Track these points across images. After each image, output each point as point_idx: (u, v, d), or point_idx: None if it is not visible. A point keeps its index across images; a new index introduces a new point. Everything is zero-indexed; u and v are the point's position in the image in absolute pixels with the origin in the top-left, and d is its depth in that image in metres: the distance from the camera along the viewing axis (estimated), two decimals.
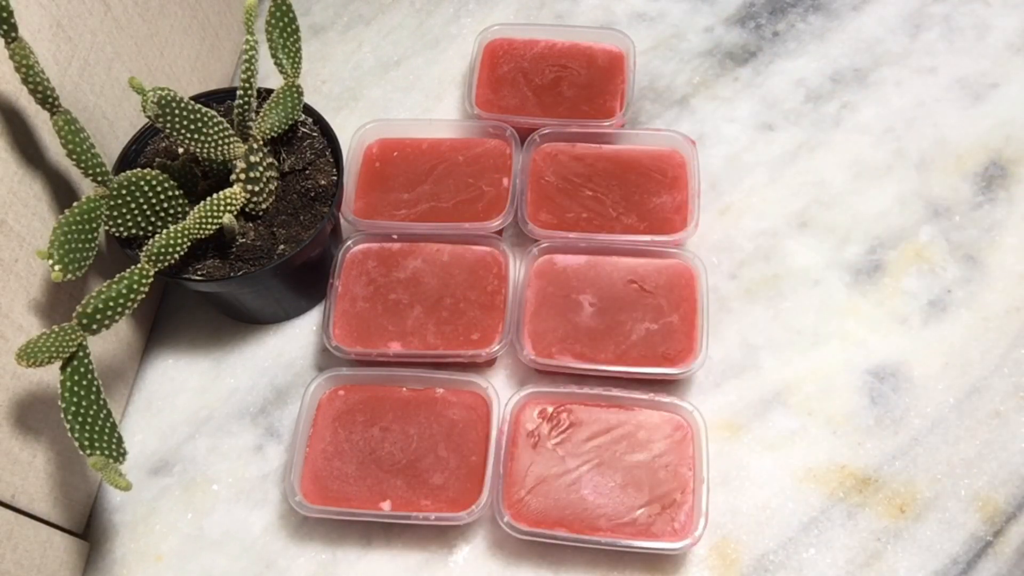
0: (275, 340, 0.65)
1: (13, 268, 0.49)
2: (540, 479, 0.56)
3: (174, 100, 0.51)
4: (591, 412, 0.58)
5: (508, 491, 0.55)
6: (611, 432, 0.57)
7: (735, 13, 0.79)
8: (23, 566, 0.50)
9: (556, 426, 0.57)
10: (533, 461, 0.56)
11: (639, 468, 0.56)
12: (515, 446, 0.57)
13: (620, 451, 0.56)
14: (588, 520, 0.54)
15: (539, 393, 0.58)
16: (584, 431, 0.57)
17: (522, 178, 0.66)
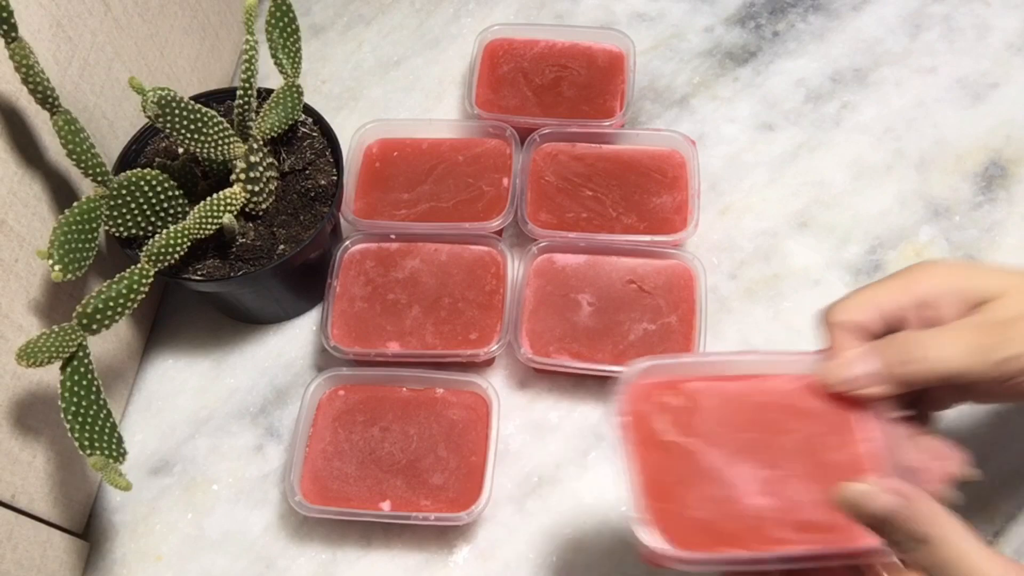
0: (275, 340, 0.65)
1: (13, 268, 0.49)
2: (682, 485, 0.41)
3: (174, 100, 0.51)
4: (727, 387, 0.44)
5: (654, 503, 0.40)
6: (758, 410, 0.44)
7: (735, 13, 0.79)
8: (23, 566, 0.50)
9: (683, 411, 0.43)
10: (664, 462, 0.42)
11: (801, 451, 0.42)
12: (635, 443, 0.42)
13: (772, 431, 0.43)
14: (766, 532, 0.39)
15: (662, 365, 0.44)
16: (720, 413, 0.43)
17: (522, 178, 0.66)
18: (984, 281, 0.41)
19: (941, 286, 0.41)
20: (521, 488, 0.58)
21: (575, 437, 0.60)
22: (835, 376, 0.41)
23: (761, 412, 0.43)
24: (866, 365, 0.41)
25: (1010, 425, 0.58)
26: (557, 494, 0.58)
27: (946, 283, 0.41)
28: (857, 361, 0.41)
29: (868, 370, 0.41)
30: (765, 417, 0.43)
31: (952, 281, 0.41)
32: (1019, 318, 0.39)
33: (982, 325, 0.39)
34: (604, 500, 0.58)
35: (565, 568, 0.56)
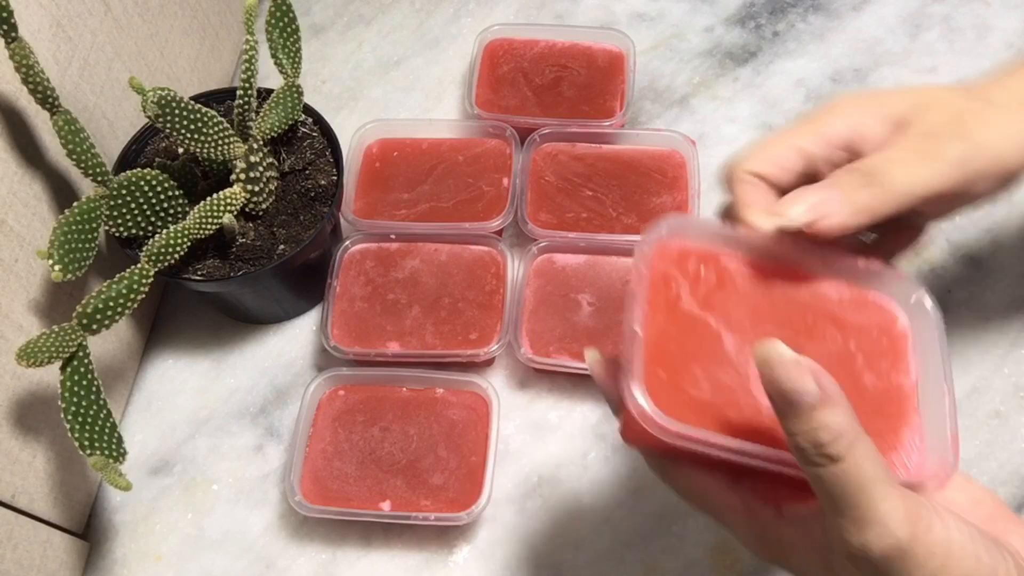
0: (275, 340, 0.65)
1: (13, 268, 0.49)
2: (688, 359, 0.37)
3: (174, 100, 0.51)
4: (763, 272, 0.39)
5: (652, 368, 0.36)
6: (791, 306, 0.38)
7: (735, 13, 0.79)
8: (23, 566, 0.50)
9: (707, 284, 0.39)
10: (674, 330, 0.37)
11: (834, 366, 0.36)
12: (648, 303, 0.37)
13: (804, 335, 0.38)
14: (759, 433, 0.35)
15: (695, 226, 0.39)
16: (749, 298, 0.39)
17: (522, 178, 0.66)
18: (901, 100, 0.38)
19: (861, 116, 0.37)
20: (521, 488, 0.58)
21: (575, 437, 0.60)
22: (786, 210, 0.35)
23: (799, 312, 0.38)
24: (824, 193, 0.35)
25: (1010, 425, 0.58)
26: (557, 494, 0.58)
27: (866, 111, 0.38)
28: (811, 192, 0.35)
29: (827, 196, 0.35)
30: (802, 318, 0.38)
31: (871, 107, 0.38)
32: (956, 120, 0.36)
33: (927, 135, 0.36)
34: (604, 500, 0.58)
35: (565, 568, 0.56)
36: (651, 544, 0.56)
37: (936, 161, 0.35)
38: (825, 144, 0.38)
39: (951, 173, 0.35)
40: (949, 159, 0.35)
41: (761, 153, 0.38)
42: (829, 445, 0.30)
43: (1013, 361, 0.61)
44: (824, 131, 0.38)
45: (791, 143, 0.38)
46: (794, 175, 0.38)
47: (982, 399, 0.59)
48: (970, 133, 0.36)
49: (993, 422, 0.58)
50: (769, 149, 0.38)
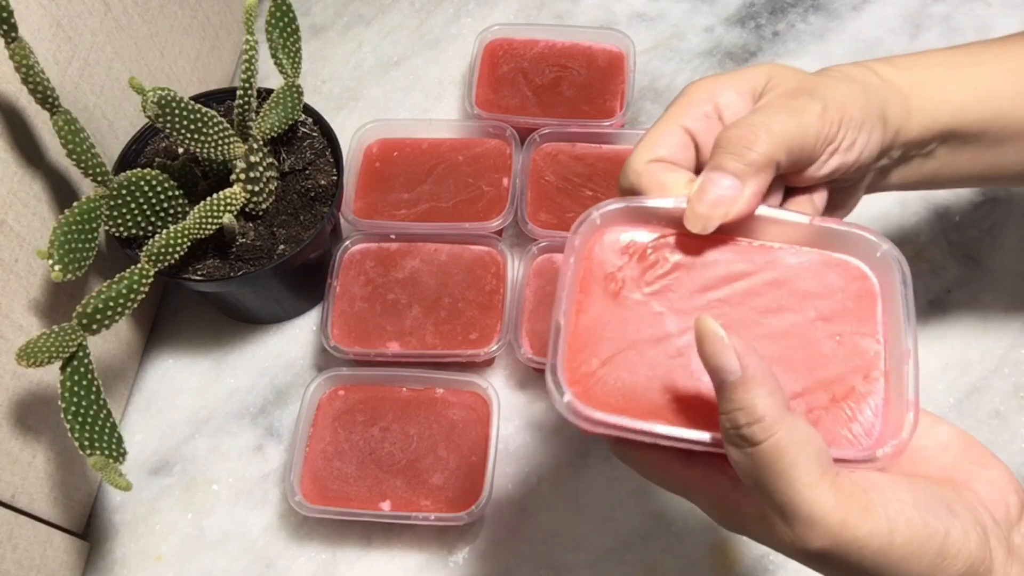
0: (275, 340, 0.65)
1: (13, 268, 0.49)
2: (625, 345, 0.36)
3: (174, 100, 0.51)
4: (712, 249, 0.38)
5: (573, 356, 0.35)
6: (744, 279, 0.37)
7: (735, 13, 0.79)
8: (23, 566, 0.50)
9: (652, 267, 0.38)
10: (613, 317, 0.37)
11: (791, 336, 0.36)
12: (585, 292, 0.37)
13: (759, 308, 0.36)
14: (699, 412, 0.34)
15: (632, 210, 0.38)
16: (698, 277, 0.38)
17: (522, 178, 0.66)
18: (749, 75, 0.40)
19: (720, 92, 0.40)
20: (521, 488, 0.58)
21: (575, 437, 0.60)
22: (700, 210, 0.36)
23: (752, 283, 0.37)
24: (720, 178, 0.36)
25: (1010, 425, 0.58)
26: (557, 494, 0.58)
27: (721, 88, 0.40)
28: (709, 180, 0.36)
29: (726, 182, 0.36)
30: (756, 290, 0.37)
31: (725, 86, 0.40)
32: (798, 86, 0.39)
33: (781, 96, 0.39)
34: (604, 500, 0.58)
35: (565, 568, 0.56)
36: (651, 544, 0.56)
37: (802, 113, 0.37)
38: (702, 119, 0.40)
39: (816, 123, 0.37)
40: (812, 110, 0.38)
41: (651, 141, 0.39)
42: (745, 428, 0.30)
43: (1013, 361, 0.61)
44: (692, 110, 0.40)
45: (672, 124, 0.40)
46: (686, 150, 0.39)
47: (982, 399, 0.59)
48: (817, 92, 0.38)
49: (993, 422, 0.58)
50: (656, 135, 0.39)
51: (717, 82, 0.41)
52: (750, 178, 0.36)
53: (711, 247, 0.38)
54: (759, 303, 0.37)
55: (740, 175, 0.36)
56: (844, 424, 0.34)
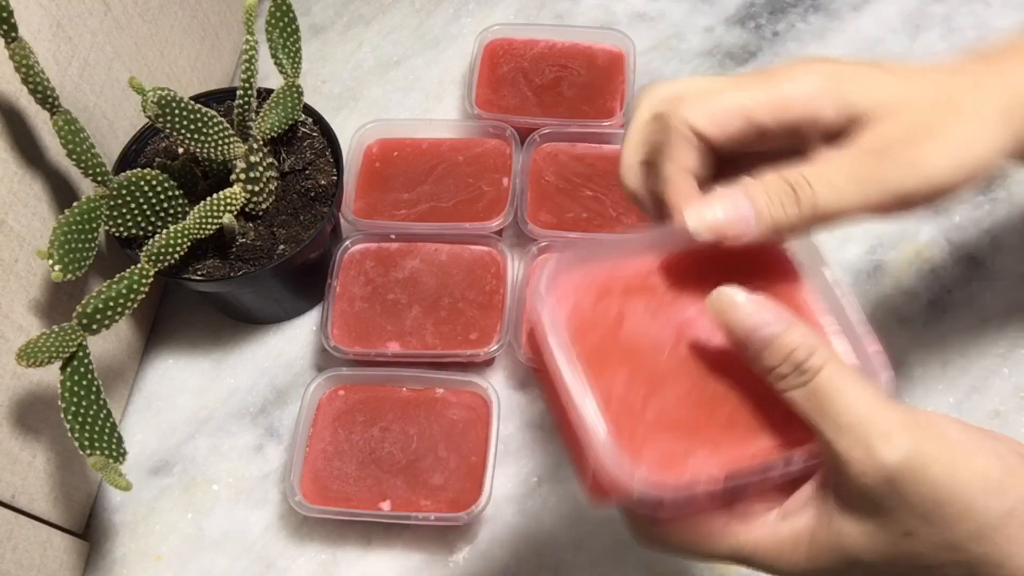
0: (275, 340, 0.65)
1: (13, 268, 0.49)
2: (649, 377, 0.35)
3: (174, 100, 0.51)
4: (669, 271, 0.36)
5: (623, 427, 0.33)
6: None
7: (735, 13, 0.79)
8: (23, 566, 0.50)
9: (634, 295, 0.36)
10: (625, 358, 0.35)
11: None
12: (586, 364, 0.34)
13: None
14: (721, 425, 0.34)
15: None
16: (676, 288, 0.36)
17: (522, 178, 0.66)
18: (867, 94, 0.35)
19: (821, 98, 0.34)
20: (521, 488, 0.58)
21: None
22: (708, 213, 0.33)
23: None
24: (739, 208, 0.33)
25: (1010, 425, 0.58)
26: (557, 494, 0.58)
27: (827, 95, 0.34)
28: (725, 202, 0.33)
29: (741, 212, 0.33)
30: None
31: (834, 92, 0.35)
32: (911, 138, 0.34)
33: (874, 154, 0.34)
34: None
35: (565, 568, 0.56)
36: None
37: (872, 187, 0.34)
38: (775, 117, 0.35)
39: (882, 201, 0.34)
40: (886, 188, 0.34)
41: (705, 105, 0.35)
42: (811, 358, 0.31)
43: (1013, 361, 0.61)
44: (778, 102, 0.35)
45: (739, 103, 0.35)
46: (733, 142, 0.35)
47: (982, 399, 0.59)
48: (920, 158, 0.34)
49: (993, 422, 0.58)
50: (714, 103, 0.35)
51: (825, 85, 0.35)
52: (767, 228, 0.34)
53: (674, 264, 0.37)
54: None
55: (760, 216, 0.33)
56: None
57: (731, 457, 0.33)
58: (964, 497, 0.29)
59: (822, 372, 0.31)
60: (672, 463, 0.33)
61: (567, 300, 0.36)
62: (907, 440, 0.30)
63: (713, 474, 0.32)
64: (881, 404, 0.30)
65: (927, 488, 0.29)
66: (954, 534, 0.30)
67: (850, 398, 0.30)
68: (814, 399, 0.31)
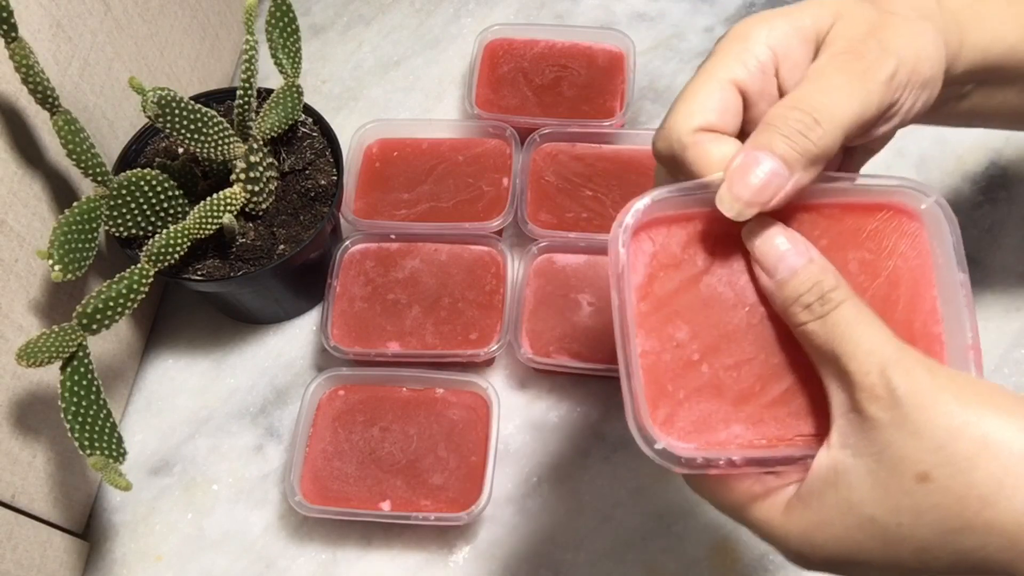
0: (275, 340, 0.65)
1: (13, 268, 0.49)
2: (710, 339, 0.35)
3: (174, 100, 0.51)
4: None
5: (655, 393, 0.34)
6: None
7: (735, 13, 0.79)
8: (23, 566, 0.50)
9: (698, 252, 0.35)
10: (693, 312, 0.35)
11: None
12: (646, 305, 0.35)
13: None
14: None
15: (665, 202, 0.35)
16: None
17: (522, 178, 0.66)
18: (810, 13, 0.35)
19: (779, 36, 0.34)
20: (521, 488, 0.58)
21: (575, 437, 0.60)
22: (738, 192, 0.32)
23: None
24: (766, 160, 0.32)
25: None
26: (557, 494, 0.58)
27: (780, 30, 0.34)
28: (753, 159, 0.32)
29: (772, 166, 0.32)
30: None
31: (784, 25, 0.35)
32: (868, 34, 0.34)
33: (852, 54, 0.33)
34: (604, 500, 0.58)
35: (565, 568, 0.56)
36: (651, 544, 0.56)
37: (869, 83, 0.33)
38: (757, 72, 0.35)
39: (883, 92, 0.34)
40: (880, 79, 0.33)
41: (698, 102, 0.34)
42: (836, 290, 0.31)
43: (1013, 361, 0.61)
44: (748, 59, 0.34)
45: (722, 78, 0.34)
46: (736, 113, 0.35)
47: None
48: (891, 45, 0.34)
49: None
50: (704, 94, 0.34)
51: (774, 23, 0.35)
52: (800, 169, 0.32)
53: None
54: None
55: (790, 163, 0.32)
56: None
57: (764, 437, 0.34)
58: (983, 428, 0.28)
59: (844, 304, 0.31)
60: (705, 429, 0.34)
61: (656, 237, 0.35)
62: (922, 370, 0.29)
63: (732, 458, 0.33)
64: (899, 341, 0.30)
65: (941, 417, 0.28)
66: (974, 477, 0.28)
67: (870, 330, 0.30)
68: (835, 329, 0.31)
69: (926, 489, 0.29)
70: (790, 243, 0.33)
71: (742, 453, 0.33)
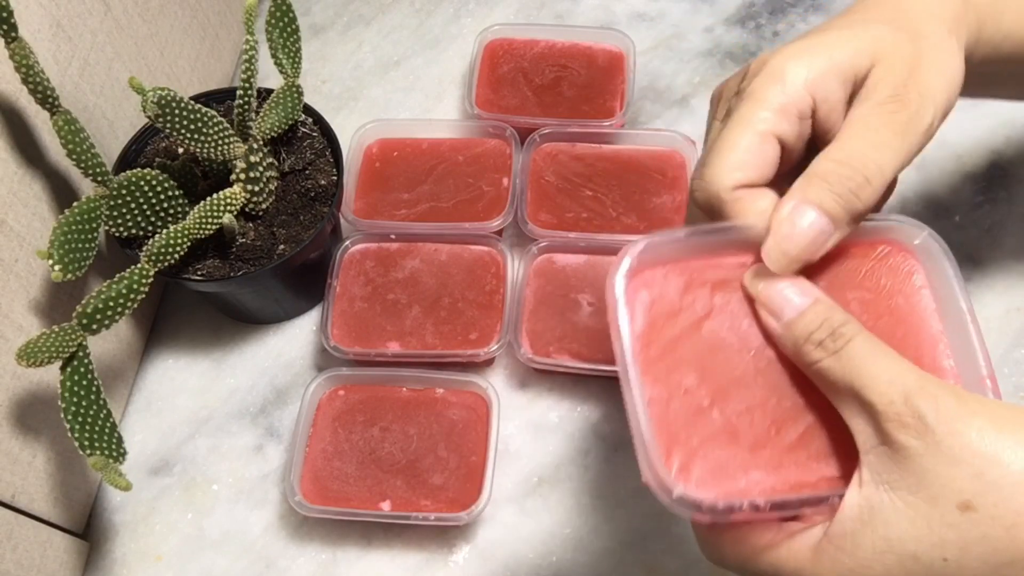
0: (275, 340, 0.65)
1: (13, 268, 0.49)
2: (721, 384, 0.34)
3: (174, 100, 0.51)
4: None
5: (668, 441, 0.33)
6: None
7: (735, 13, 0.79)
8: (23, 566, 0.50)
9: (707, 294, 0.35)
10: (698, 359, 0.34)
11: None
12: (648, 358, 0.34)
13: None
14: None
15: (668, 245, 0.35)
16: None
17: (522, 178, 0.66)
18: (846, 49, 0.34)
19: (816, 76, 0.34)
20: (521, 488, 0.58)
21: (575, 437, 0.60)
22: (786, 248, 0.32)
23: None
24: (815, 216, 0.32)
25: None
26: (557, 494, 0.58)
27: (816, 69, 0.34)
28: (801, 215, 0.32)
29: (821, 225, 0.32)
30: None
31: (820, 64, 0.34)
32: (908, 80, 0.33)
33: (891, 104, 0.33)
34: (604, 500, 0.58)
35: (565, 568, 0.56)
36: (651, 544, 0.56)
37: (911, 136, 0.33)
38: (796, 120, 0.34)
39: (922, 142, 0.34)
40: (920, 130, 0.33)
41: (737, 156, 0.34)
42: (845, 325, 0.31)
43: (1013, 361, 0.61)
44: (789, 108, 0.34)
45: (760, 130, 0.34)
46: (774, 165, 0.34)
47: None
48: (929, 90, 0.34)
49: None
50: (743, 148, 0.34)
51: (812, 62, 0.34)
52: (844, 226, 0.33)
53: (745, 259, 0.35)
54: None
55: (837, 221, 0.32)
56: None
57: (786, 483, 0.32)
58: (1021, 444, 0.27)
59: (857, 337, 0.30)
60: (722, 476, 0.33)
61: (653, 285, 0.35)
62: (948, 396, 0.28)
63: (756, 503, 0.32)
64: (919, 370, 0.29)
65: (977, 442, 0.27)
66: (1022, 504, 0.26)
67: (887, 360, 0.30)
68: (851, 362, 0.30)
69: (970, 520, 0.27)
70: (794, 284, 0.33)
71: (766, 498, 0.32)
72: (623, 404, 0.33)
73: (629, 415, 0.32)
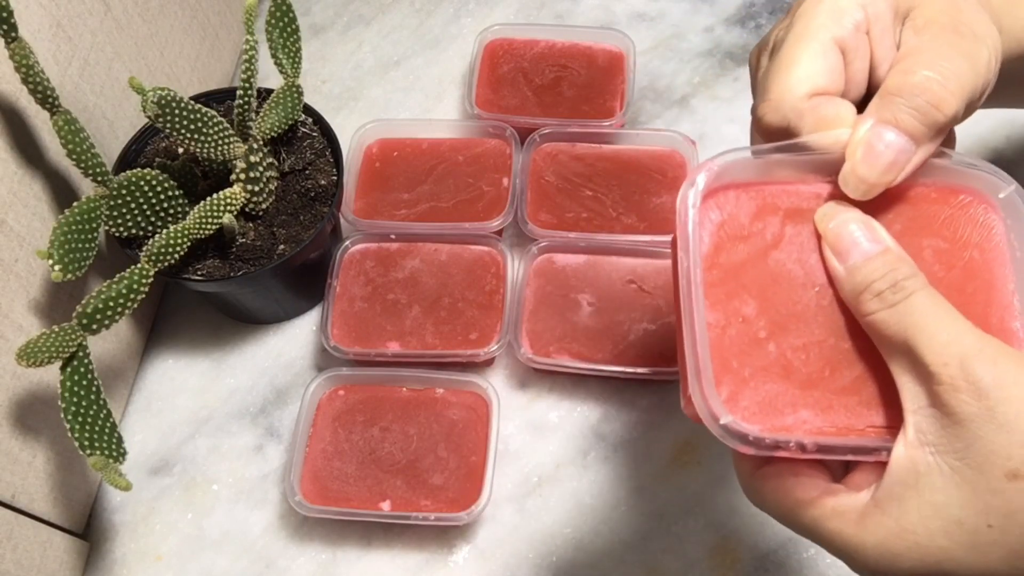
0: (275, 340, 0.65)
1: (13, 268, 0.49)
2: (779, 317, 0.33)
3: (174, 100, 0.51)
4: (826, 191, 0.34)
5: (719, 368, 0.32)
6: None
7: (735, 13, 0.79)
8: (23, 566, 0.50)
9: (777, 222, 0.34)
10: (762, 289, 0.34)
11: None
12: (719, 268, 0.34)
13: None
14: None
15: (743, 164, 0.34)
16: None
17: (522, 178, 0.66)
18: None
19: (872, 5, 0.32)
20: (521, 488, 0.58)
21: (575, 437, 0.60)
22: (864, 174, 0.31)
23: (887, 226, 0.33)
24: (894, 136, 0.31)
25: None
26: (557, 494, 0.58)
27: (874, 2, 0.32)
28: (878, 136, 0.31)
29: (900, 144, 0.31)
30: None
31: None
32: (962, 21, 0.32)
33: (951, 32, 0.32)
34: (604, 500, 0.58)
35: (565, 568, 0.56)
36: (651, 544, 0.56)
37: (979, 64, 0.31)
38: (853, 30, 0.32)
39: (984, 75, 0.32)
40: (982, 60, 0.32)
41: (804, 66, 0.32)
42: (910, 278, 0.29)
43: None
44: (844, 18, 0.32)
45: (824, 39, 0.32)
46: (840, 73, 0.33)
47: None
48: (978, 31, 0.32)
49: None
50: (809, 57, 0.32)
51: None
52: (927, 142, 0.31)
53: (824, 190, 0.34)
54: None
55: (918, 137, 0.31)
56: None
57: (834, 425, 0.32)
58: None
59: (918, 293, 0.29)
60: (770, 411, 0.32)
61: (724, 206, 0.34)
62: (1008, 361, 0.27)
63: (803, 443, 0.31)
64: (979, 332, 0.28)
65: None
66: None
67: (947, 320, 0.29)
68: (907, 318, 0.29)
69: (1017, 487, 0.27)
70: (865, 228, 0.31)
71: (812, 439, 0.31)
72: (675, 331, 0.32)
73: (683, 338, 0.31)
